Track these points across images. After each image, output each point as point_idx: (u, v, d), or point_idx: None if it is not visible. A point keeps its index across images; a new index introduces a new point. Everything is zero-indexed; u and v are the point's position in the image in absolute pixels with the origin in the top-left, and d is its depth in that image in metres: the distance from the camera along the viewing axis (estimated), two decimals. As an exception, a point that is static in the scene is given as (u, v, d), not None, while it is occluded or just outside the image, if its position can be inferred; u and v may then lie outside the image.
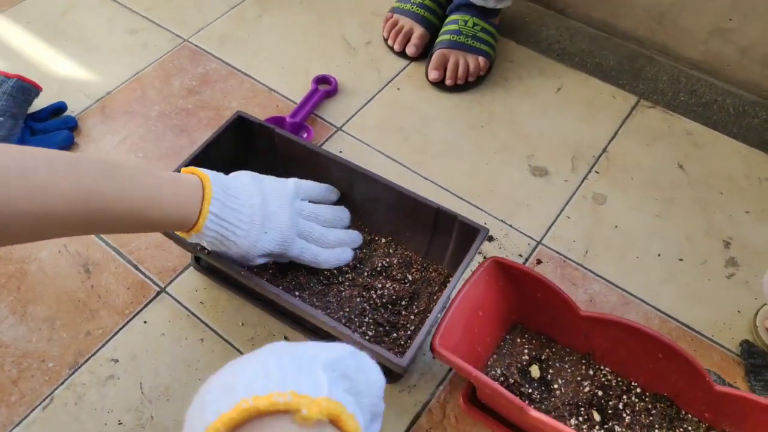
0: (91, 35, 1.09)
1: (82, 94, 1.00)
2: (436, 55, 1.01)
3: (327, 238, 0.73)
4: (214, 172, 0.64)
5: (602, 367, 0.68)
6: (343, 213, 0.77)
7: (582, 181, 0.91)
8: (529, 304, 0.69)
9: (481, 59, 1.01)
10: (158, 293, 0.79)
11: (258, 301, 0.77)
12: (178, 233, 0.63)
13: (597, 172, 0.92)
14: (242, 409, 0.30)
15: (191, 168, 0.64)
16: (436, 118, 0.98)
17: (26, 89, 0.90)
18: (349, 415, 0.32)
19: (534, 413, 0.57)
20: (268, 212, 0.66)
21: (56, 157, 0.50)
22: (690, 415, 0.65)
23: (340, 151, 0.93)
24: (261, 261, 0.68)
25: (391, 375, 0.71)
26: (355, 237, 0.77)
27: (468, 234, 0.69)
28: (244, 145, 0.80)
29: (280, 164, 0.80)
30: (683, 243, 0.85)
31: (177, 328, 0.76)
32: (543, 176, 0.91)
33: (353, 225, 0.79)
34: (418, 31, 1.05)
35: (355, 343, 0.61)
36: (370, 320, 0.71)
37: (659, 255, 0.83)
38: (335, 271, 0.74)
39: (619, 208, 0.88)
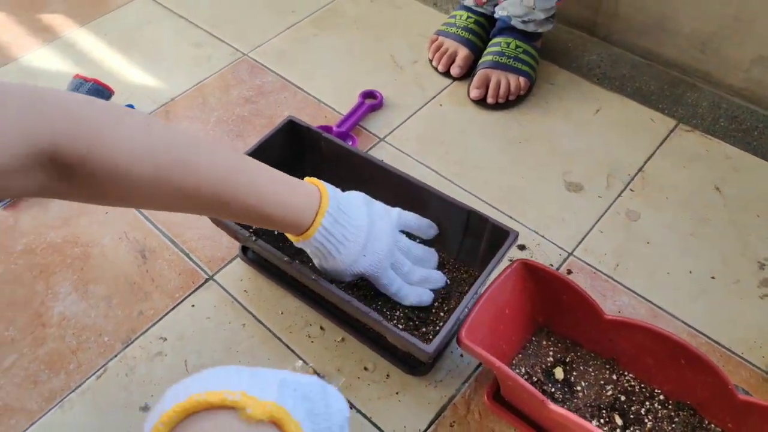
0: (160, 47, 1.19)
1: (149, 99, 1.09)
2: (479, 74, 1.05)
3: (413, 275, 0.73)
4: (332, 187, 0.67)
5: (626, 373, 0.70)
6: (432, 255, 0.77)
7: (616, 198, 0.93)
8: (555, 308, 0.72)
9: (521, 79, 1.04)
10: (206, 280, 0.85)
11: (298, 292, 0.81)
12: (288, 235, 0.66)
13: (632, 190, 0.94)
14: (194, 400, 0.33)
15: (312, 178, 0.67)
16: (476, 134, 1.02)
17: (101, 91, 0.99)
18: (292, 421, 0.34)
19: (554, 407, 0.59)
20: (372, 237, 0.67)
21: (200, 140, 0.56)
22: (713, 425, 0.66)
23: (382, 160, 0.98)
24: (349, 279, 0.70)
25: (419, 369, 0.75)
26: (439, 278, 0.76)
27: (499, 237, 0.72)
28: (293, 147, 0.86)
29: (325, 168, 0.85)
30: (716, 262, 0.85)
31: (221, 313, 0.81)
32: (577, 192, 0.94)
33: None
34: (463, 52, 1.10)
35: (385, 329, 0.65)
36: (401, 314, 0.74)
37: (691, 272, 0.84)
38: (371, 267, 0.78)
39: (652, 226, 0.89)
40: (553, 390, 0.69)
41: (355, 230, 0.66)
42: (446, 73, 1.11)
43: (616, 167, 0.97)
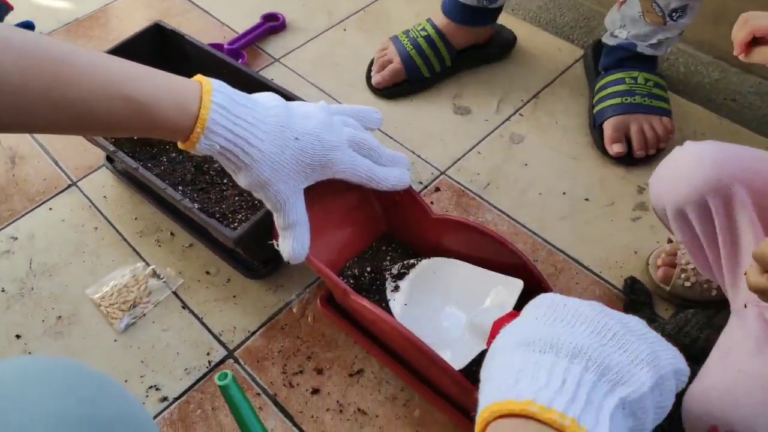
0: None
1: (53, 19, 1.08)
2: (612, 124, 0.83)
3: (383, 152, 0.60)
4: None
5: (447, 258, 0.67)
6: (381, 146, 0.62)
7: (503, 122, 0.89)
8: (395, 214, 0.69)
9: (665, 120, 0.84)
10: (69, 186, 0.83)
11: (154, 200, 0.80)
12: (182, 146, 0.51)
13: (521, 115, 0.90)
14: (526, 409, 0.31)
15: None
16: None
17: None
18: None
19: (354, 296, 0.57)
20: (296, 115, 0.53)
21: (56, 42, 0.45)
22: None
23: (272, 79, 0.95)
24: (299, 183, 0.54)
25: (256, 272, 0.73)
26: (405, 160, 0.63)
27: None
28: (160, 57, 0.84)
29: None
30: (594, 185, 0.82)
31: (77, 216, 0.80)
32: (464, 115, 0.91)
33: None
34: (395, 64, 0.92)
35: (195, 216, 0.63)
36: (243, 218, 0.72)
37: (564, 193, 0.81)
38: (221, 172, 0.76)
39: (534, 148, 0.86)
40: (373, 296, 0.66)
41: (264, 111, 0.51)
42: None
43: (509, 93, 0.93)
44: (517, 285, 0.59)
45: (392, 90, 0.93)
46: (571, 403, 0.31)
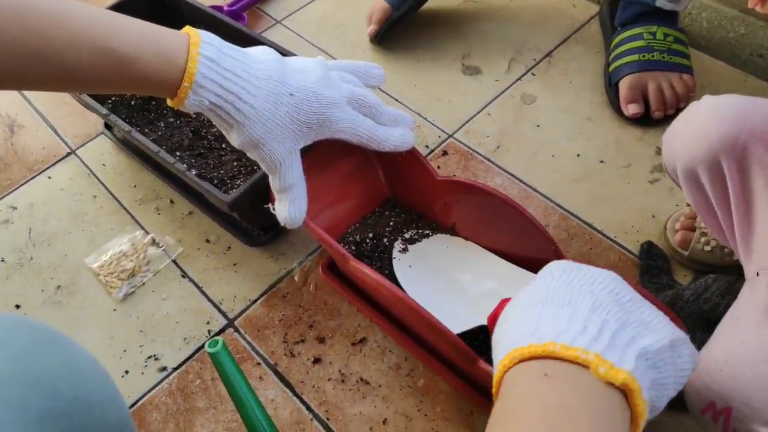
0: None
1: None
2: (627, 83, 0.78)
3: (385, 111, 0.56)
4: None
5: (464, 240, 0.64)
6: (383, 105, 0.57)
7: (515, 82, 0.85)
8: (399, 178, 0.66)
9: (686, 77, 0.79)
10: (68, 154, 0.82)
11: (153, 167, 0.78)
12: (170, 103, 0.48)
13: (533, 74, 0.86)
14: (548, 350, 0.31)
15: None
16: (380, 18, 0.95)
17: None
18: (641, 399, 0.30)
19: (354, 262, 0.55)
20: (290, 68, 0.50)
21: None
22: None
23: (274, 42, 0.92)
24: (295, 143, 0.51)
25: (256, 239, 0.71)
26: (409, 119, 0.58)
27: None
28: (156, 17, 0.81)
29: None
30: (610, 146, 0.78)
31: (76, 185, 0.78)
32: (473, 75, 0.87)
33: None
34: (379, 4, 0.88)
35: (190, 180, 0.61)
36: (241, 183, 0.70)
37: (578, 155, 0.77)
38: (219, 137, 0.74)
39: (547, 109, 0.82)
40: (377, 262, 0.63)
41: (257, 64, 0.48)
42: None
43: (522, 51, 0.89)
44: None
45: (388, 32, 0.88)
46: (594, 342, 0.31)
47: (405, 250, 0.63)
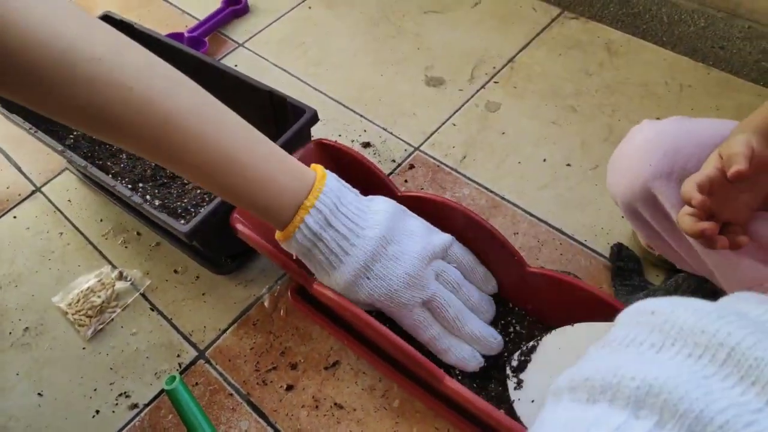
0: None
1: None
2: None
3: (463, 323, 0.53)
4: (338, 179, 0.50)
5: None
6: (489, 306, 0.57)
7: (478, 91, 0.85)
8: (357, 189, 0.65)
9: None
10: (33, 192, 0.81)
11: (116, 200, 0.77)
12: (278, 235, 0.49)
13: (496, 82, 0.86)
14: None
15: (317, 165, 0.49)
16: (343, 34, 0.95)
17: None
18: None
19: (317, 285, 0.54)
20: (382, 254, 0.48)
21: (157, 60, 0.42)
22: (517, 309, 0.60)
23: (236, 65, 0.92)
24: (364, 308, 0.52)
25: (222, 267, 0.70)
26: (494, 340, 0.55)
27: (302, 117, 0.66)
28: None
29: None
30: (576, 149, 0.78)
31: (41, 223, 0.77)
32: (437, 86, 0.86)
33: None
34: None
35: (145, 211, 0.60)
36: (206, 211, 0.69)
37: (545, 160, 0.77)
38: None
39: (511, 116, 0.82)
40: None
41: (354, 239, 0.47)
42: None
43: (484, 60, 0.89)
44: None
45: None
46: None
47: (519, 384, 0.53)
